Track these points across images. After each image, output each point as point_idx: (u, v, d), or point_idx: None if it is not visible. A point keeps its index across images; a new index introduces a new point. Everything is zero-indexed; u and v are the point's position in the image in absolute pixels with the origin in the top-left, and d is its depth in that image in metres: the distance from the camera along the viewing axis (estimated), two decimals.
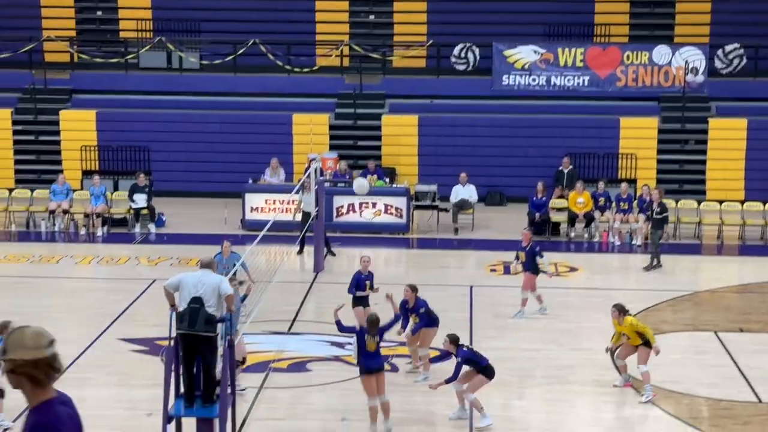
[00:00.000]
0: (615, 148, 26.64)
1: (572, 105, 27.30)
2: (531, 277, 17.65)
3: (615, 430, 13.45)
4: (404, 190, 24.27)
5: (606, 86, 27.09)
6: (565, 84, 27.10)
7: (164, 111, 27.69)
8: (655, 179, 26.30)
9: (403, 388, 14.74)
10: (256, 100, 27.94)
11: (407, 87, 28.08)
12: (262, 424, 13.41)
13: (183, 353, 10.86)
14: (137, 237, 23.75)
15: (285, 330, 17.16)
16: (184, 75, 28.55)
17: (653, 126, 26.84)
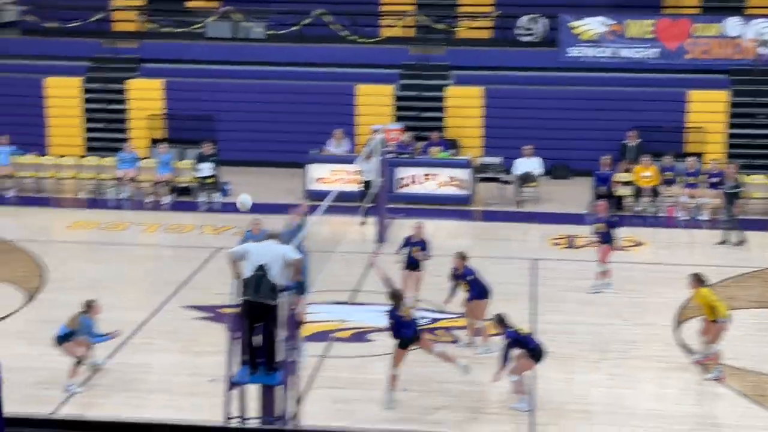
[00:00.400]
0: (683, 121, 26.22)
1: (640, 78, 26.88)
2: (606, 249, 17.47)
3: (678, 406, 13.32)
4: (468, 161, 24.17)
5: (675, 58, 26.64)
6: (633, 56, 26.70)
7: (230, 81, 27.87)
8: (723, 153, 25.85)
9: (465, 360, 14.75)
10: (321, 70, 27.98)
11: (472, 58, 27.88)
12: (324, 393, 13.52)
13: (247, 321, 10.96)
14: (202, 206, 23.99)
15: (347, 300, 17.24)
16: (249, 45, 28.67)
17: (723, 99, 26.34)
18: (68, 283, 17.77)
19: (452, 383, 13.85)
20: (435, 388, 13.69)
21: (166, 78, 27.95)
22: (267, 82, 27.73)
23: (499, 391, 13.64)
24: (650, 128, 26.07)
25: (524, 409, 13.06)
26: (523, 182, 23.99)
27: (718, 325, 14.11)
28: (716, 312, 14.11)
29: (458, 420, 12.76)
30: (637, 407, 13.24)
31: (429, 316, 16.35)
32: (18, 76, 28.23)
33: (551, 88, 26.99)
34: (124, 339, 15.15)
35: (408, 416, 12.82)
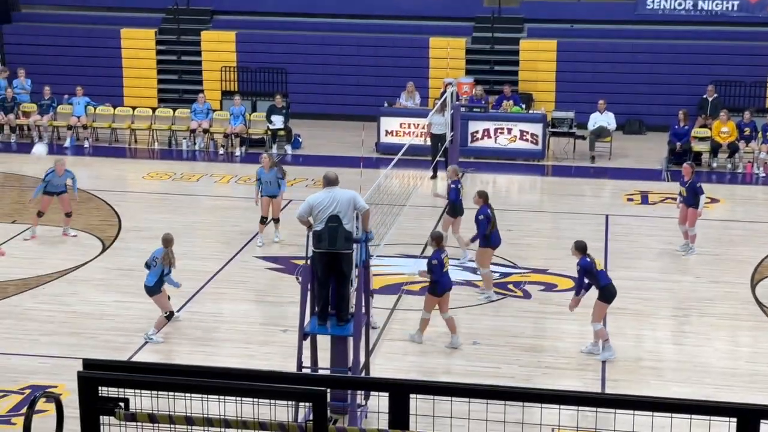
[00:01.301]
0: (763, 76, 25.61)
1: (719, 31, 26.28)
2: (690, 213, 17.00)
3: (754, 364, 13.13)
4: (541, 116, 23.92)
5: (756, 11, 25.95)
6: (713, 9, 26.08)
7: (301, 33, 27.87)
8: None
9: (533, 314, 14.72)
10: (393, 23, 27.83)
11: (547, 11, 27.50)
12: (394, 345, 13.59)
13: (321, 272, 11.00)
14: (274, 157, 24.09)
15: (418, 254, 17.26)
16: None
17: None
18: (143, 233, 18.04)
19: (522, 337, 13.82)
20: (505, 342, 13.67)
21: (238, 30, 28.05)
22: (339, 35, 27.68)
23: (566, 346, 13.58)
24: (729, 83, 25.53)
25: (609, 356, 12.99)
26: (596, 137, 23.68)
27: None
28: None
29: (528, 374, 12.74)
30: (710, 365, 13.09)
31: (500, 271, 16.30)
32: (93, 28, 28.55)
33: (627, 41, 26.53)
34: (198, 288, 15.37)
35: (477, 369, 12.84)
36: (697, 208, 16.95)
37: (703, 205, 17.00)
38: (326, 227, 10.86)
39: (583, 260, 13.08)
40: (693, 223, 17.03)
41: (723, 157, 23.03)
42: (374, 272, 14.80)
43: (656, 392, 11.99)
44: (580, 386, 12.28)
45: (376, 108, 24.52)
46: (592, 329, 13.23)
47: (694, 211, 16.98)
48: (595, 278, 13.07)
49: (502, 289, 15.62)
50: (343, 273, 11.01)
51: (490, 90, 25.65)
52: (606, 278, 13.16)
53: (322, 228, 10.90)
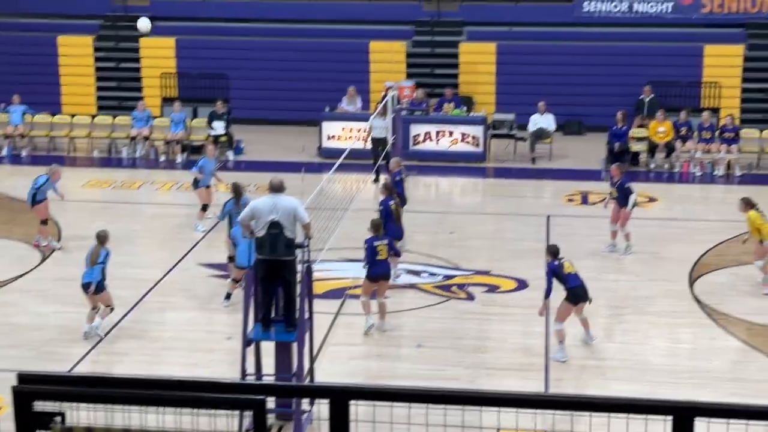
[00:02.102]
0: (698, 76, 26.03)
1: (655, 32, 26.66)
2: (623, 213, 17.26)
3: (692, 360, 13.35)
4: (481, 118, 24.08)
5: (690, 12, 26.39)
6: (648, 10, 26.46)
7: (242, 38, 27.76)
8: (739, 108, 25.69)
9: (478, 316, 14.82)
10: (334, 27, 27.83)
11: (486, 14, 27.69)
12: (339, 349, 13.59)
13: (263, 278, 10.98)
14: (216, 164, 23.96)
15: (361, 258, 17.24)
16: (262, 2, 28.51)
17: (738, 54, 26.11)
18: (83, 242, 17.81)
19: (467, 339, 13.91)
20: (449, 344, 13.74)
21: (178, 36, 27.86)
22: (280, 40, 27.62)
23: (510, 347, 13.69)
24: (665, 83, 25.91)
25: (561, 358, 13.16)
26: (536, 139, 23.90)
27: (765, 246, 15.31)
28: (762, 233, 15.29)
29: (473, 375, 12.81)
30: (650, 363, 13.28)
31: (443, 273, 16.39)
32: (30, 35, 28.19)
33: (565, 43, 26.80)
34: (141, 297, 15.24)
35: (422, 372, 12.88)
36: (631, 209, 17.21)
37: (632, 204, 17.23)
38: (267, 234, 10.85)
39: (552, 264, 13.33)
40: (624, 222, 17.27)
41: (660, 156, 23.36)
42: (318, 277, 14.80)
43: (598, 391, 12.15)
44: (523, 387, 12.38)
45: (317, 113, 24.50)
46: (554, 327, 13.38)
47: (628, 211, 17.22)
48: (563, 281, 13.27)
49: (445, 291, 15.69)
50: (286, 280, 11.00)
51: (430, 93, 25.75)
52: (575, 280, 13.33)
53: (263, 234, 10.89)
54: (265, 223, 10.85)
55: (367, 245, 14.16)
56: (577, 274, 13.48)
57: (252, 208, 11.08)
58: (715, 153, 22.79)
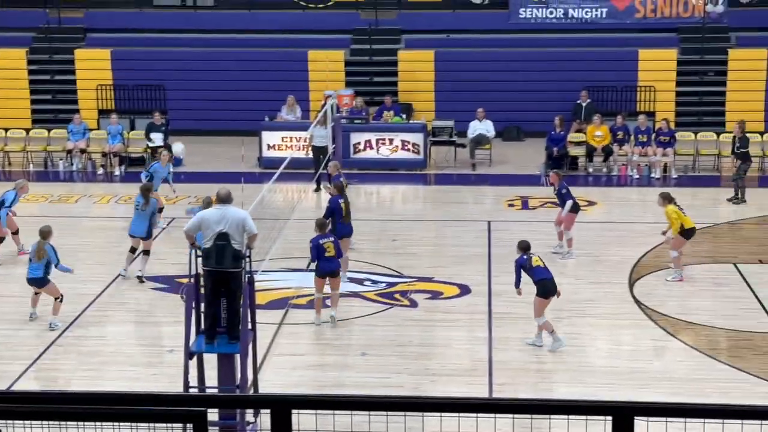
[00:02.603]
0: (633, 80, 26.39)
1: (590, 38, 26.98)
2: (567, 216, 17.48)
3: (634, 362, 13.50)
4: (421, 126, 24.16)
5: (624, 18, 26.76)
6: (583, 16, 26.78)
7: (179, 49, 27.57)
8: (673, 112, 26.09)
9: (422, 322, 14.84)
10: (272, 36, 27.75)
11: (423, 22, 27.82)
12: (283, 360, 13.54)
13: (209, 290, 10.88)
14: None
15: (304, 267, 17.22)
16: (198, 12, 28.37)
17: (672, 58, 26.53)
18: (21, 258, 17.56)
19: (411, 346, 13.93)
20: (393, 351, 13.75)
21: (113, 47, 27.59)
22: (217, 50, 27.48)
23: (454, 353, 13.73)
24: (602, 88, 26.22)
25: (559, 346, 13.56)
26: (476, 145, 24.04)
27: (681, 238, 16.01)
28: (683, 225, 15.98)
29: (417, 382, 12.83)
30: (593, 364, 13.41)
31: (386, 281, 16.40)
32: None
33: (502, 50, 27.00)
34: (80, 312, 15.04)
35: (367, 381, 12.87)
36: (574, 212, 17.43)
37: (567, 210, 17.39)
38: (214, 245, 10.75)
39: (520, 258, 13.87)
40: (568, 227, 17.45)
41: (598, 160, 23.63)
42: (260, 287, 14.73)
43: (541, 394, 12.23)
44: (467, 392, 12.42)
45: (257, 122, 24.40)
46: (536, 323, 13.71)
47: (568, 215, 17.41)
48: (530, 274, 13.74)
49: (388, 299, 15.71)
50: (232, 291, 10.92)
51: (370, 101, 25.80)
52: (542, 274, 13.75)
53: (210, 246, 10.80)
54: (212, 234, 10.77)
55: (313, 244, 14.53)
56: (547, 268, 13.87)
57: (200, 218, 11.00)
58: (652, 156, 23.11)
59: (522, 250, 14.02)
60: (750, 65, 26.30)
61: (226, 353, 11.08)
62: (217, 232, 10.72)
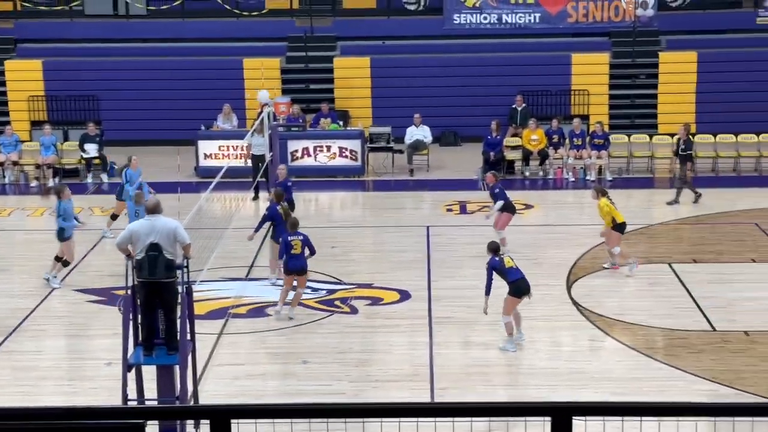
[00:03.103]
0: (567, 84, 26.69)
1: (524, 43, 27.24)
2: (501, 216, 17.69)
3: (572, 362, 13.63)
4: (358, 132, 24.18)
5: (557, 23, 27.05)
6: (517, 21, 27.02)
7: (112, 59, 27.28)
8: (607, 115, 26.43)
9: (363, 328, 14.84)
10: (206, 45, 27.58)
11: (358, 28, 27.85)
12: (223, 370, 13.44)
13: (144, 301, 10.79)
14: (90, 187, 23.52)
15: (243, 276, 17.13)
16: (131, 21, 28.09)
17: (604, 62, 26.88)
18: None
19: (351, 352, 13.92)
20: (334, 359, 13.72)
21: (44, 58, 27.20)
22: (151, 59, 27.23)
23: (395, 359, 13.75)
24: (536, 92, 26.49)
25: (510, 349, 13.68)
26: (413, 150, 24.12)
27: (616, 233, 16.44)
28: (615, 220, 16.39)
29: (358, 389, 12.82)
30: (534, 366, 13.51)
31: (326, 288, 16.38)
32: None
33: (438, 55, 27.14)
34: (15, 326, 14.79)
35: (307, 389, 12.83)
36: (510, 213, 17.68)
37: (496, 209, 17.65)
38: (146, 256, 10.67)
39: (492, 260, 13.94)
40: (503, 226, 17.70)
41: (534, 164, 23.84)
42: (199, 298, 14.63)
43: (483, 398, 12.29)
44: (409, 397, 12.45)
45: (193, 132, 24.23)
46: (502, 321, 13.86)
47: (507, 215, 17.62)
48: (504, 275, 13.83)
49: (328, 306, 15.69)
50: (167, 302, 10.83)
51: (306, 109, 25.76)
52: (515, 274, 13.87)
53: (142, 257, 10.71)
54: (143, 246, 10.68)
55: (282, 240, 14.93)
56: (519, 268, 13.99)
57: (130, 230, 10.91)
58: (587, 159, 23.38)
59: (492, 252, 14.10)
60: (680, 68, 26.75)
61: (165, 365, 10.98)
62: (149, 243, 10.64)
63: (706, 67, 26.60)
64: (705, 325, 14.69)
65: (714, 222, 19.91)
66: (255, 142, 21.56)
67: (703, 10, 27.73)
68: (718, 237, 18.88)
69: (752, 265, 17.28)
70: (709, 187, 21.71)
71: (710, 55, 26.78)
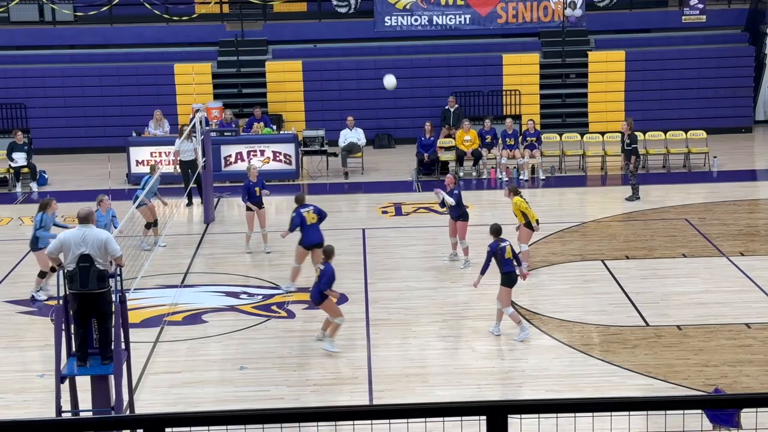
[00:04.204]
0: (499, 85, 26.89)
1: (455, 44, 27.39)
2: (460, 225, 17.36)
3: (510, 361, 13.73)
4: (292, 136, 24.10)
5: (487, 23, 27.24)
6: (447, 23, 27.16)
7: (39, 66, 26.85)
8: (538, 114, 26.69)
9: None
10: (136, 51, 27.29)
11: (290, 32, 27.78)
12: (159, 378, 13.30)
13: (76, 312, 10.61)
14: (19, 196, 23.12)
15: (178, 283, 16.98)
16: (58, 28, 27.68)
17: (535, 62, 27.14)
18: None
19: (290, 357, 13.86)
20: (272, 364, 13.65)
21: None
22: (79, 66, 26.87)
23: (333, 362, 13.72)
24: (468, 93, 26.64)
25: (527, 336, 14.05)
26: (348, 153, 24.11)
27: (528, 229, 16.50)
28: (528, 217, 16.40)
29: (297, 393, 12.77)
30: (470, 365, 13.57)
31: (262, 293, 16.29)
32: None
33: (370, 58, 27.17)
34: None
35: (246, 395, 12.75)
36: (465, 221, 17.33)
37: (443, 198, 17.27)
38: (77, 267, 10.49)
39: (493, 245, 14.21)
40: (463, 235, 17.42)
41: (468, 164, 23.97)
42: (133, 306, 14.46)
43: (421, 398, 12.32)
44: (348, 400, 12.43)
45: (124, 138, 23.95)
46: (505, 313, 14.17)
47: (462, 223, 17.36)
48: (500, 264, 14.14)
49: (265, 311, 15.60)
50: (101, 312, 10.66)
51: (239, 113, 25.61)
52: (510, 267, 14.17)
53: (73, 268, 10.52)
54: (74, 256, 10.50)
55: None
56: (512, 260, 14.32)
57: (60, 240, 10.70)
58: (519, 158, 23.57)
59: (495, 234, 14.35)
60: (609, 66, 27.12)
61: (99, 375, 10.82)
62: (79, 254, 10.46)
63: (635, 66, 27.01)
64: (639, 321, 14.90)
65: (645, 218, 20.20)
66: (183, 148, 21.38)
67: (630, 9, 28.13)
68: (650, 233, 19.16)
69: (683, 260, 17.56)
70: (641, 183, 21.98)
71: (638, 53, 27.20)
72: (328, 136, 24.32)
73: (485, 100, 26.77)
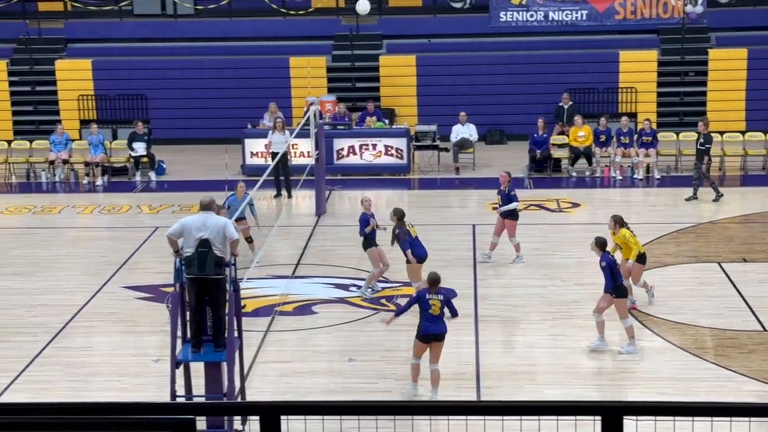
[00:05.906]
0: (615, 82, 26.48)
1: (571, 40, 27.06)
2: (508, 223, 17.08)
3: (621, 362, 13.52)
4: (404, 130, 24.17)
5: (604, 20, 26.82)
6: (563, 19, 26.83)
7: (160, 58, 27.52)
8: (655, 113, 26.19)
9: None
10: (253, 44, 27.74)
11: (404, 27, 27.84)
12: (269, 367, 13.50)
13: (192, 298, 10.85)
14: (138, 185, 23.74)
15: (289, 274, 17.20)
16: (179, 21, 28.31)
17: (653, 59, 26.64)
18: (5, 269, 17.49)
19: (398, 350, 13.90)
20: (381, 357, 13.73)
21: (94, 57, 27.51)
22: (198, 58, 27.43)
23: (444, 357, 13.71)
24: (583, 90, 26.30)
25: (633, 351, 13.45)
26: (459, 149, 24.06)
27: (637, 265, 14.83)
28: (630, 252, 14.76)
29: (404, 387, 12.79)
30: (580, 365, 13.42)
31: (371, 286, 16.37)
32: None
33: (484, 53, 27.06)
34: (66, 322, 14.97)
35: (354, 386, 12.84)
36: (514, 219, 17.07)
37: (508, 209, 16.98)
38: (196, 252, 10.73)
39: (606, 257, 13.56)
40: (513, 233, 17.13)
41: (581, 162, 23.66)
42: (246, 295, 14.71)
43: (529, 396, 12.23)
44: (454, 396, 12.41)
45: (239, 130, 24.37)
46: (623, 324, 13.62)
47: (511, 221, 17.10)
48: (614, 277, 13.46)
49: (374, 304, 15.69)
50: (216, 299, 10.89)
51: (352, 107, 25.80)
52: (620, 278, 13.62)
53: (191, 253, 10.77)
54: (194, 241, 10.74)
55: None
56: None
57: (182, 224, 10.97)
58: (634, 157, 23.18)
59: (601, 248, 13.59)
60: (730, 65, 26.44)
61: (212, 361, 11.05)
62: (199, 239, 10.70)
63: (757, 64, 26.26)
64: (755, 326, 14.50)
65: (765, 221, 19.64)
66: (275, 140, 21.70)
67: (753, 6, 27.36)
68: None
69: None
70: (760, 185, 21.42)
71: (761, 51, 26.43)
72: (440, 131, 24.31)
73: (600, 98, 26.39)
